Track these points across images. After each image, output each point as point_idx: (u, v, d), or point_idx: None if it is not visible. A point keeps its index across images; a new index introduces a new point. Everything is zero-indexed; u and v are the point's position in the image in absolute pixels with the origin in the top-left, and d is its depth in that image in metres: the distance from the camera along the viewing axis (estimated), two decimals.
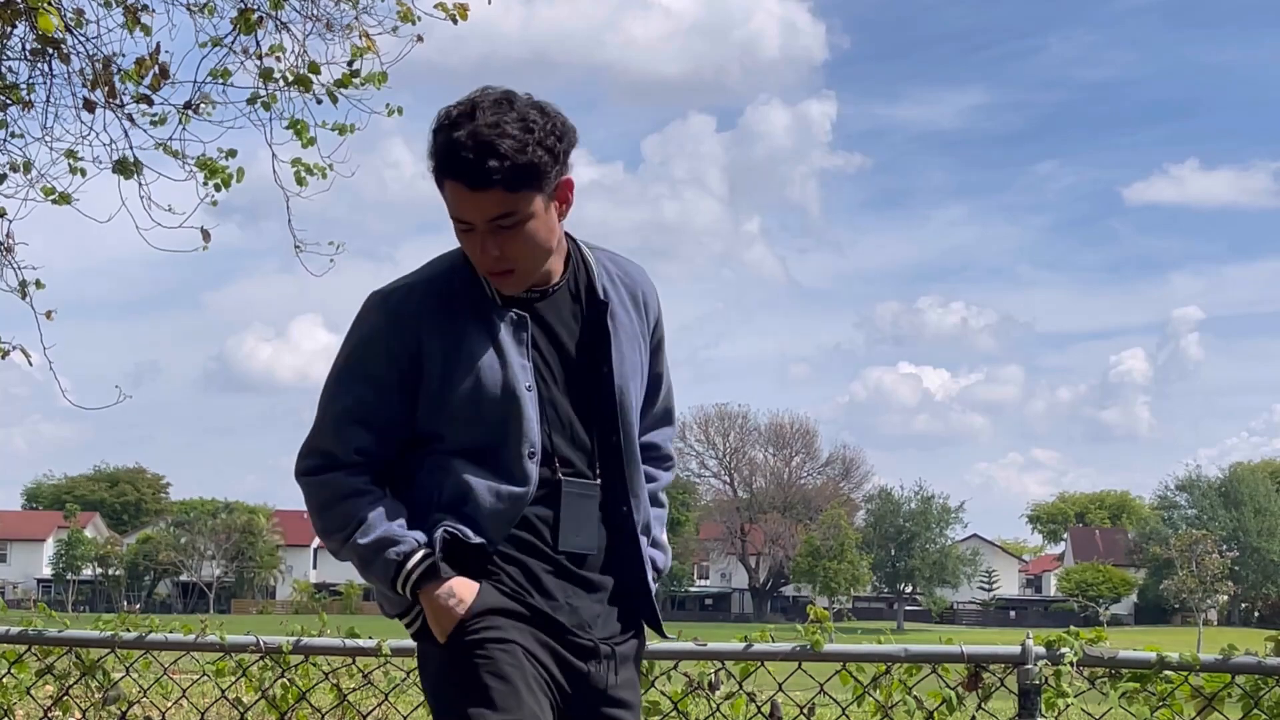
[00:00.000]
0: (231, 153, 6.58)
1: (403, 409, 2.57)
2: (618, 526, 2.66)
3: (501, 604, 2.53)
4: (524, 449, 2.54)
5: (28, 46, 6.22)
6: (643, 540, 2.68)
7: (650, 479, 2.79)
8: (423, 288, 2.60)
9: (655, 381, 2.81)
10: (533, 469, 2.55)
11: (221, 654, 4.63)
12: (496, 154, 2.41)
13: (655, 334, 2.79)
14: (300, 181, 6.58)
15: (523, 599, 2.55)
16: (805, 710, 4.43)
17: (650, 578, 2.70)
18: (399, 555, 2.51)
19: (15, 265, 6.60)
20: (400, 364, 2.55)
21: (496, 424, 2.53)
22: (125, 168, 6.38)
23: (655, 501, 2.81)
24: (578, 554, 2.60)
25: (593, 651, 2.60)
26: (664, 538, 2.84)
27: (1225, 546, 67.70)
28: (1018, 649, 4.01)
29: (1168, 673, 3.98)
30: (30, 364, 6.49)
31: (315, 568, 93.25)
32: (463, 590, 2.52)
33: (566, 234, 2.65)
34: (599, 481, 2.63)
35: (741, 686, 4.26)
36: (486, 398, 2.52)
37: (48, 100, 6.37)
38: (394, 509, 2.57)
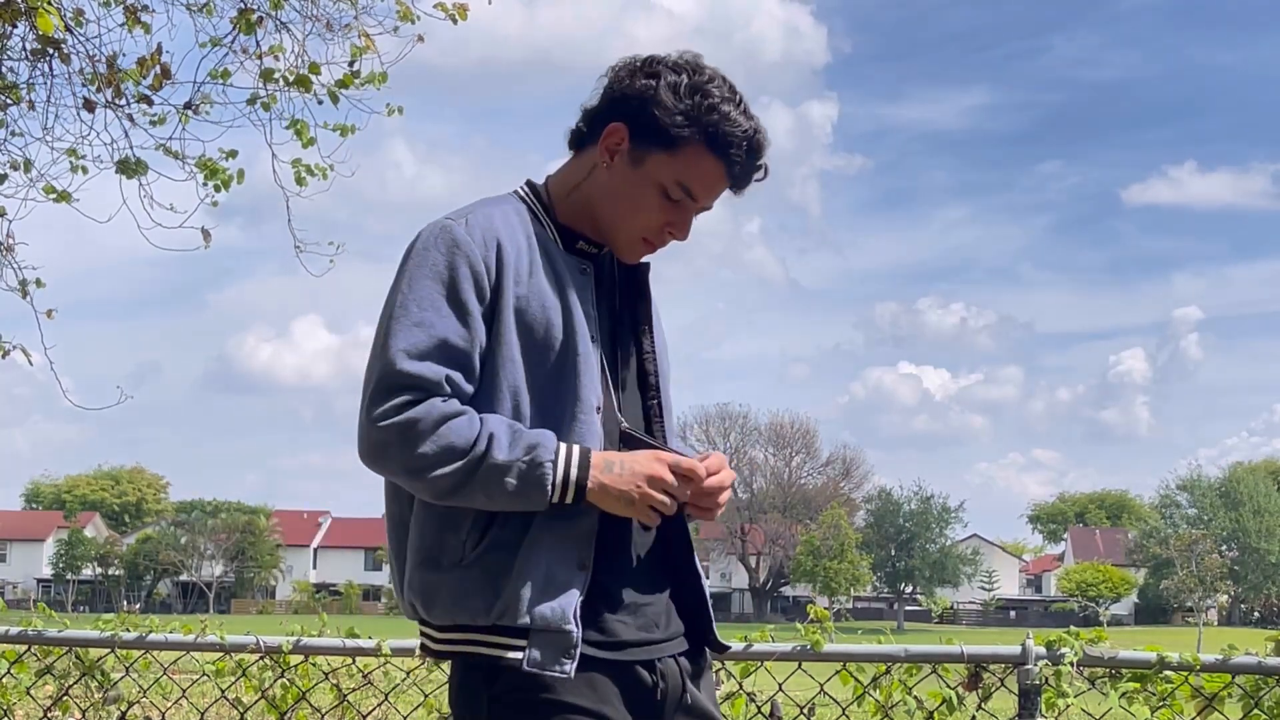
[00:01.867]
0: (232, 153, 6.59)
1: (485, 341, 2.32)
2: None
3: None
4: (592, 401, 2.33)
5: (28, 46, 6.22)
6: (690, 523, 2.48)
7: None
8: (499, 215, 2.38)
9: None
10: (597, 424, 2.34)
11: (221, 654, 4.62)
12: (763, 159, 2.40)
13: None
14: (300, 182, 6.58)
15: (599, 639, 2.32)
16: (805, 710, 4.42)
17: (699, 567, 2.49)
18: (551, 454, 2.24)
19: (15, 265, 6.60)
20: (482, 289, 2.31)
21: (564, 373, 2.33)
22: (128, 167, 6.38)
23: None
24: (636, 540, 2.39)
25: (662, 657, 2.39)
26: None
27: (1225, 546, 67.70)
28: (1018, 649, 4.01)
29: (1168, 673, 3.98)
30: (30, 363, 6.50)
31: (315, 568, 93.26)
32: (625, 458, 2.29)
33: None
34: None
35: (741, 686, 4.26)
36: (557, 342, 2.33)
37: (48, 100, 6.38)
38: (510, 421, 2.29)
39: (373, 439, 2.27)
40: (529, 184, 2.51)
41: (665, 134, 2.32)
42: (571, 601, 2.28)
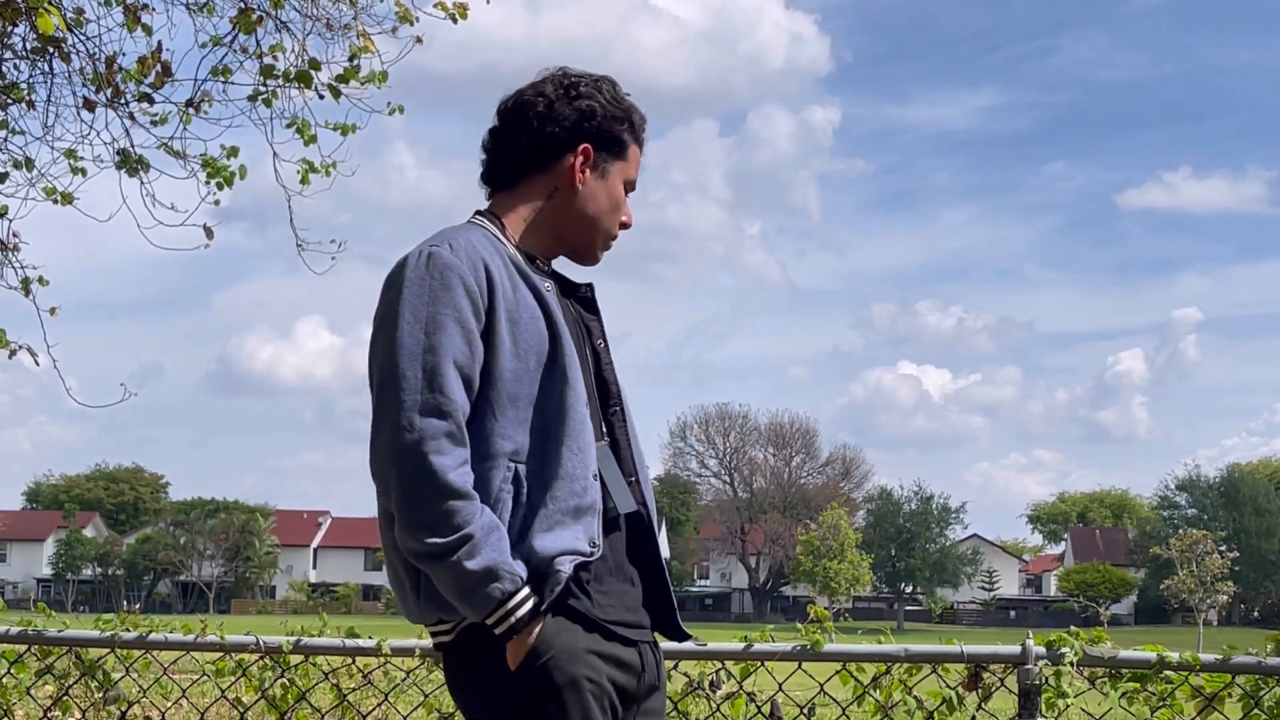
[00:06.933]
0: (234, 150, 6.58)
1: (485, 357, 2.44)
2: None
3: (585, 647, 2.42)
4: (583, 395, 2.48)
5: (28, 45, 6.22)
6: (653, 517, 2.66)
7: None
8: (477, 237, 2.52)
9: None
10: (589, 419, 2.49)
11: (221, 654, 4.62)
12: None
13: None
14: (304, 180, 6.57)
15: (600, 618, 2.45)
16: (805, 710, 4.42)
17: (664, 560, 2.66)
18: (502, 594, 2.32)
19: (16, 264, 6.59)
20: (478, 308, 2.43)
21: (558, 375, 2.46)
22: (129, 162, 6.38)
23: None
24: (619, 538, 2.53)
25: (643, 643, 2.54)
26: None
27: (1225, 547, 67.66)
28: (1018, 649, 4.01)
29: (1168, 673, 3.98)
30: (37, 364, 6.47)
31: (315, 567, 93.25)
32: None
33: None
34: (605, 442, 2.56)
35: (741, 686, 4.26)
36: (546, 349, 2.47)
37: (48, 99, 6.38)
38: (494, 523, 2.35)
39: (399, 449, 2.33)
40: (480, 214, 2.64)
41: (619, 142, 2.65)
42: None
